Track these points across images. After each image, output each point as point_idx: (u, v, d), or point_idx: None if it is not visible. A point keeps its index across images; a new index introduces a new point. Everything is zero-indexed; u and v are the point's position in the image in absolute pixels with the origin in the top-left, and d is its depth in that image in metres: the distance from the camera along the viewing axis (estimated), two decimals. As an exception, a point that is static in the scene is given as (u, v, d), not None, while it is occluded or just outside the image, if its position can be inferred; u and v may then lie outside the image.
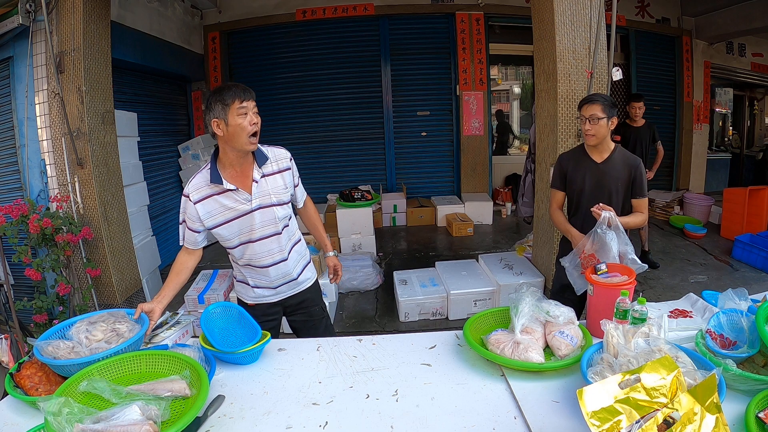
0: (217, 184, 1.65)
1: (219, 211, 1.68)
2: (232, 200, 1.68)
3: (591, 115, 2.12)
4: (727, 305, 1.60)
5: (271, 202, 1.72)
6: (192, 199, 1.67)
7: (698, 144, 6.79)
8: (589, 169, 2.23)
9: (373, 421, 1.22)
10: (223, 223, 1.69)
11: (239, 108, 1.57)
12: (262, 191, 1.70)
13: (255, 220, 1.71)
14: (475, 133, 6.24)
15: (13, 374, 1.35)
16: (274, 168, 1.74)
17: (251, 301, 1.89)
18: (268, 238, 1.75)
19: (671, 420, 0.93)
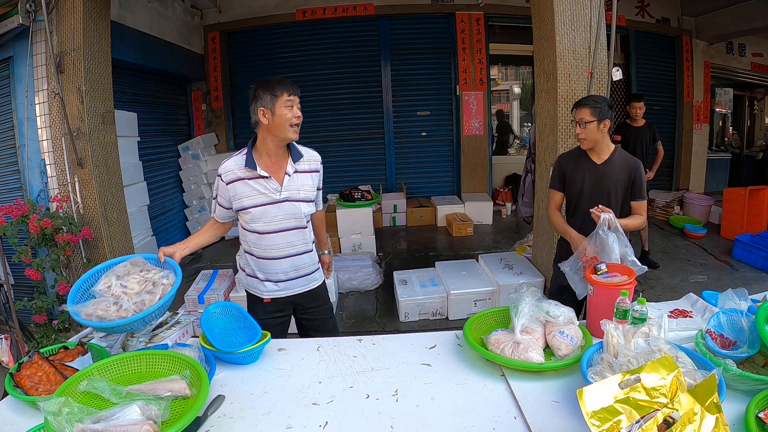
0: (250, 169, 1.75)
1: (248, 195, 1.77)
2: (262, 187, 1.77)
3: (580, 119, 2.12)
4: (727, 305, 1.60)
5: (299, 197, 1.81)
6: (224, 180, 1.78)
7: (698, 144, 6.80)
8: (588, 171, 2.22)
9: (373, 421, 1.22)
10: (250, 207, 1.78)
11: (287, 100, 1.69)
12: (292, 185, 1.80)
13: (281, 211, 1.79)
14: (475, 133, 6.24)
15: (13, 374, 1.35)
16: (306, 167, 1.84)
17: (266, 296, 1.92)
18: (290, 231, 1.83)
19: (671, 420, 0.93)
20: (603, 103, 2.13)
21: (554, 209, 2.36)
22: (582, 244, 2.03)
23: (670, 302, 1.88)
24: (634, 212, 2.20)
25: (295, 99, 1.72)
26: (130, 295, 1.43)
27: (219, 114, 6.33)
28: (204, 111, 6.25)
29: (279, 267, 1.86)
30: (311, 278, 1.96)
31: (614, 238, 1.93)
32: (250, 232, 1.85)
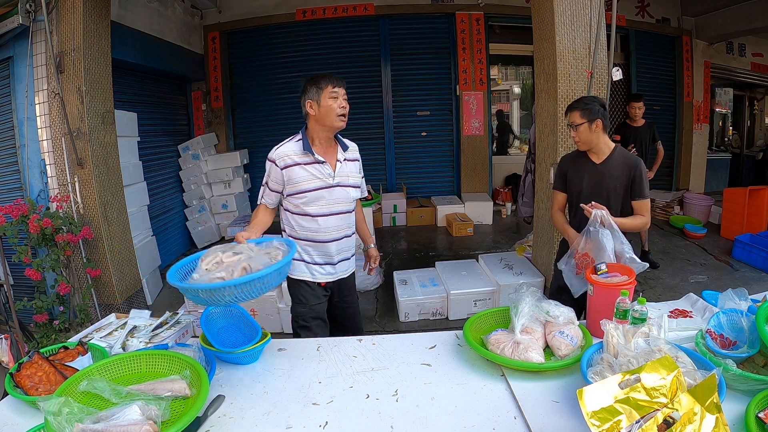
0: (307, 154, 1.87)
1: (304, 179, 1.88)
2: (317, 171, 1.89)
3: (571, 122, 2.18)
4: (727, 305, 1.60)
5: (348, 183, 1.96)
6: (278, 165, 1.88)
7: (698, 144, 6.80)
8: (587, 170, 2.22)
9: (373, 421, 1.22)
10: (306, 191, 1.88)
11: (332, 92, 1.84)
12: (343, 172, 1.95)
13: (333, 195, 1.91)
14: (475, 133, 6.24)
15: (13, 374, 1.35)
16: (351, 156, 2.02)
17: (310, 278, 2.00)
18: (340, 215, 1.95)
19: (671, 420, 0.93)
20: (593, 104, 2.12)
21: (557, 210, 2.37)
22: (575, 241, 2.04)
23: (670, 302, 1.87)
24: (636, 212, 2.17)
25: (340, 91, 1.85)
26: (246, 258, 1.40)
27: (219, 114, 6.33)
28: (204, 111, 6.25)
29: (327, 250, 1.97)
30: (350, 263, 2.09)
31: (606, 235, 1.92)
32: (300, 215, 1.93)
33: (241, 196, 6.05)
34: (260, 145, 6.43)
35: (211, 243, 5.73)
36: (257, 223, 1.94)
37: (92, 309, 3.49)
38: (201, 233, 5.70)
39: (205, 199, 5.76)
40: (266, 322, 3.55)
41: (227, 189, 5.86)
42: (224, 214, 5.83)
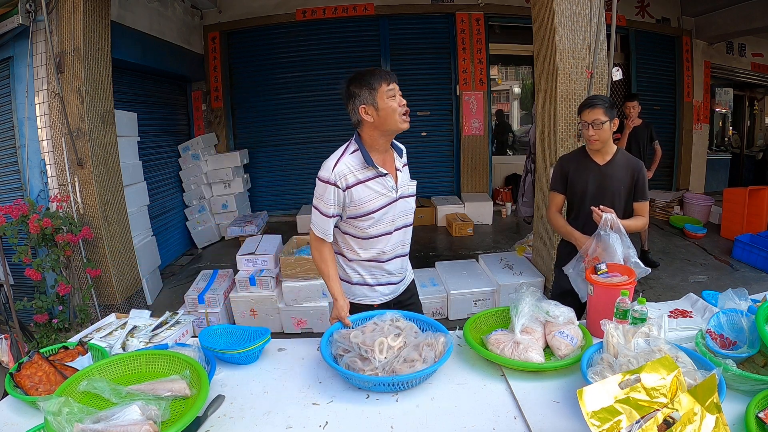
0: (370, 168, 1.61)
1: (370, 198, 1.62)
2: (381, 186, 1.63)
3: (594, 120, 2.07)
4: (727, 305, 1.60)
5: (408, 193, 1.73)
6: (341, 186, 1.58)
7: (698, 144, 6.80)
8: (591, 172, 2.18)
9: (373, 421, 1.22)
10: (373, 210, 1.62)
11: (388, 90, 1.56)
12: (403, 181, 1.71)
13: (398, 210, 1.69)
14: (475, 133, 6.25)
15: (13, 374, 1.35)
16: (404, 161, 1.77)
17: (376, 301, 1.80)
18: (402, 229, 1.74)
19: (671, 420, 0.93)
20: (609, 102, 2.12)
21: (555, 211, 2.32)
22: (585, 244, 2.03)
23: (670, 302, 1.87)
24: (637, 213, 2.18)
25: (395, 86, 1.58)
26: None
27: (219, 114, 6.33)
28: (204, 111, 6.25)
29: (390, 268, 1.76)
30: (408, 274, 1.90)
31: (617, 239, 1.93)
32: (365, 239, 1.68)
33: (241, 196, 6.05)
34: (260, 145, 6.44)
35: (211, 243, 5.73)
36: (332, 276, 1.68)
37: (92, 309, 3.50)
38: (201, 233, 5.70)
39: (205, 199, 5.76)
40: (266, 322, 3.55)
41: (227, 189, 5.86)
42: (224, 214, 5.84)
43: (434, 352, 1.40)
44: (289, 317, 3.55)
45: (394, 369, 1.35)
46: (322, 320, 3.52)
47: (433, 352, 1.40)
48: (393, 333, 1.45)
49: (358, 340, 1.42)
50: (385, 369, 1.36)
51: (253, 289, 3.54)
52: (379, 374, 1.34)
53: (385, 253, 1.72)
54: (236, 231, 5.28)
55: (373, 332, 1.46)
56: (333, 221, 1.66)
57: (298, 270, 3.44)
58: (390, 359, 1.38)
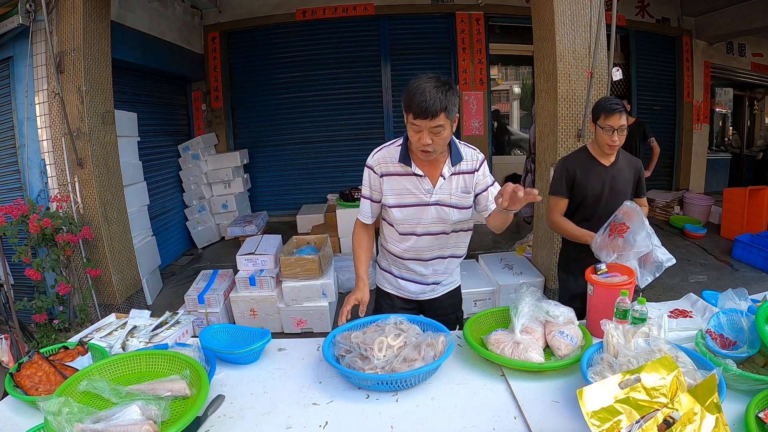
0: (404, 165, 1.61)
1: (400, 192, 1.64)
2: (414, 186, 1.63)
3: (620, 126, 2.03)
4: (727, 305, 1.60)
5: (449, 202, 1.65)
6: (377, 171, 1.66)
7: (698, 144, 6.80)
8: (600, 174, 2.15)
9: (373, 421, 1.22)
10: (400, 205, 1.65)
11: (412, 123, 1.51)
12: (445, 189, 1.64)
13: (429, 214, 1.65)
14: (475, 133, 6.25)
15: (13, 374, 1.35)
16: (464, 167, 1.66)
17: (394, 291, 1.83)
18: (434, 236, 1.69)
19: (671, 420, 0.93)
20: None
21: (559, 216, 2.22)
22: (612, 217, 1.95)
23: (670, 302, 1.87)
24: None
25: (423, 123, 1.47)
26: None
27: (219, 114, 6.33)
28: (204, 111, 6.25)
29: (417, 268, 1.75)
30: (446, 286, 1.85)
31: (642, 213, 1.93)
32: (391, 226, 1.73)
33: (241, 196, 6.05)
34: (260, 145, 6.44)
35: (211, 243, 5.73)
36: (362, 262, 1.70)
37: (92, 309, 3.50)
38: (201, 233, 5.70)
39: (205, 199, 5.76)
40: (266, 322, 3.55)
41: (227, 189, 5.86)
42: (224, 214, 5.84)
43: (434, 351, 1.40)
44: (289, 317, 3.55)
45: (393, 368, 1.36)
46: (322, 320, 3.52)
47: (433, 351, 1.40)
48: (393, 333, 1.45)
49: (359, 340, 1.43)
50: (385, 368, 1.36)
51: (253, 289, 3.53)
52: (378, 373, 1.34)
53: (410, 252, 1.73)
54: (236, 231, 5.28)
55: (374, 333, 1.47)
56: (370, 204, 1.72)
57: (298, 270, 3.44)
58: (390, 358, 1.38)
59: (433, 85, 1.46)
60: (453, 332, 1.59)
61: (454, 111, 1.53)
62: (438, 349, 1.41)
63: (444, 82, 1.50)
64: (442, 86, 1.48)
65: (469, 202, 1.68)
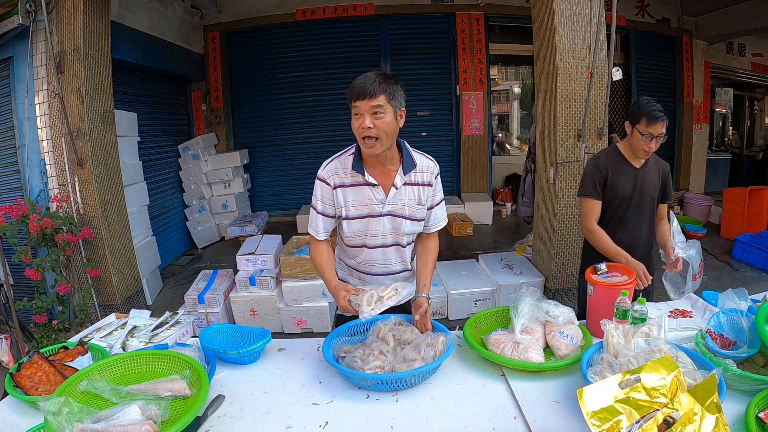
0: (357, 174, 1.54)
1: (353, 204, 1.57)
2: (367, 196, 1.56)
3: (660, 134, 1.94)
4: (727, 305, 1.60)
5: (402, 213, 1.59)
6: (330, 184, 1.57)
7: (698, 144, 6.80)
8: (631, 177, 2.08)
9: (373, 421, 1.22)
10: (350, 217, 1.59)
11: (353, 107, 1.46)
12: (398, 199, 1.57)
13: (381, 226, 1.59)
14: (475, 133, 6.25)
15: (13, 374, 1.35)
16: (416, 179, 1.59)
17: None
18: (388, 247, 1.64)
19: (671, 420, 0.93)
20: None
21: (595, 224, 2.09)
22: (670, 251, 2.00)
23: (670, 302, 1.87)
24: (660, 215, 2.17)
25: (362, 105, 1.43)
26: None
27: (219, 114, 6.33)
28: (204, 111, 6.25)
29: (369, 281, 1.70)
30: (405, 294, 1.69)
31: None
32: (345, 240, 1.66)
33: (241, 196, 6.05)
34: (260, 145, 6.44)
35: (211, 243, 5.73)
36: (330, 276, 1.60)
37: (92, 309, 3.49)
38: (201, 233, 5.70)
39: (205, 199, 5.76)
40: (266, 322, 3.55)
41: (227, 189, 5.86)
42: (224, 214, 5.84)
43: (434, 351, 1.40)
44: (289, 317, 3.55)
45: (393, 368, 1.36)
46: (322, 320, 3.52)
47: (433, 351, 1.40)
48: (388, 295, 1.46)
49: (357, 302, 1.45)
50: (385, 368, 1.37)
51: (253, 289, 3.53)
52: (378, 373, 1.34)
53: (365, 266, 1.69)
54: (236, 231, 5.28)
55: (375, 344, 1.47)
56: (321, 219, 1.62)
57: (298, 270, 3.44)
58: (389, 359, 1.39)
59: (376, 73, 1.46)
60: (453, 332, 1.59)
61: (398, 102, 1.47)
62: (438, 348, 1.41)
63: (390, 75, 1.48)
64: (384, 76, 1.46)
65: (422, 214, 1.62)
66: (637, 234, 2.13)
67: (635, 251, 2.07)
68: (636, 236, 2.12)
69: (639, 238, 2.13)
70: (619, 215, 2.11)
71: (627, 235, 2.09)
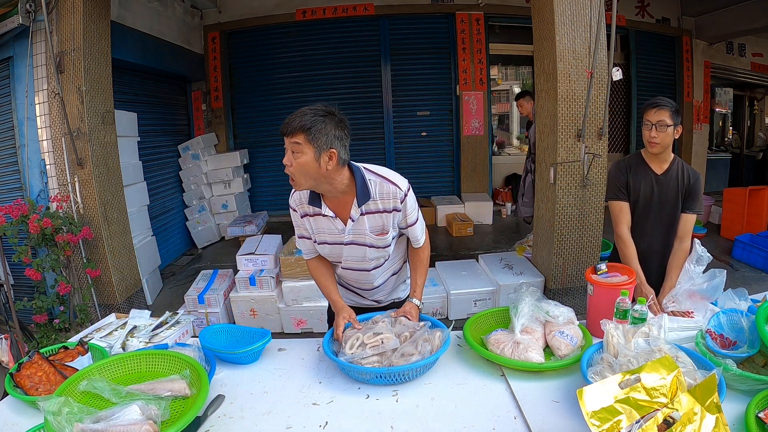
0: (315, 207, 1.54)
1: (320, 232, 1.60)
2: (329, 225, 1.56)
3: (659, 121, 1.92)
4: (727, 305, 1.60)
5: (363, 242, 1.56)
6: (299, 212, 1.59)
7: (698, 144, 6.79)
8: (649, 182, 2.04)
9: (373, 421, 1.22)
10: (322, 242, 1.61)
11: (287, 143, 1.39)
12: (358, 229, 1.54)
13: (350, 252, 1.60)
14: (475, 133, 6.25)
15: (13, 374, 1.35)
16: (377, 207, 1.52)
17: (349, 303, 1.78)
18: (355, 271, 1.67)
19: (671, 420, 0.93)
20: (677, 108, 1.98)
21: (625, 228, 2.05)
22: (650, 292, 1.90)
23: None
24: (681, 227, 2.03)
25: (287, 141, 1.37)
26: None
27: (219, 114, 6.34)
28: (204, 111, 6.25)
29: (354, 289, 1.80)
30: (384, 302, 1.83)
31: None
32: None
33: (241, 196, 6.05)
34: (260, 145, 6.44)
35: (211, 243, 5.73)
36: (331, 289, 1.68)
37: (92, 309, 3.49)
38: (201, 233, 5.70)
39: (205, 199, 5.76)
40: (266, 322, 3.55)
41: (227, 189, 5.86)
42: (224, 214, 5.84)
43: (431, 346, 1.41)
44: (289, 317, 3.55)
45: (391, 363, 1.37)
46: (321, 320, 3.52)
47: (430, 346, 1.41)
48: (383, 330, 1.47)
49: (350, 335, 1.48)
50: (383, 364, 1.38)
51: (253, 289, 3.53)
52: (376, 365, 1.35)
53: (344, 280, 1.77)
54: (236, 231, 5.28)
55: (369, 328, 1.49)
56: (302, 241, 1.68)
57: (298, 270, 3.44)
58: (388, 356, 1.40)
59: (309, 109, 1.37)
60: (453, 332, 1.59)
61: (322, 143, 1.35)
62: (435, 344, 1.42)
63: (327, 112, 1.38)
64: (319, 113, 1.36)
65: (386, 241, 1.57)
66: (655, 240, 2.08)
67: (650, 258, 2.06)
68: (652, 242, 2.08)
69: (655, 245, 2.08)
70: (642, 221, 2.09)
71: (643, 242, 2.06)
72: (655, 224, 2.08)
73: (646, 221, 2.09)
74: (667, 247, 2.07)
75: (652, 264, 2.06)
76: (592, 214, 3.51)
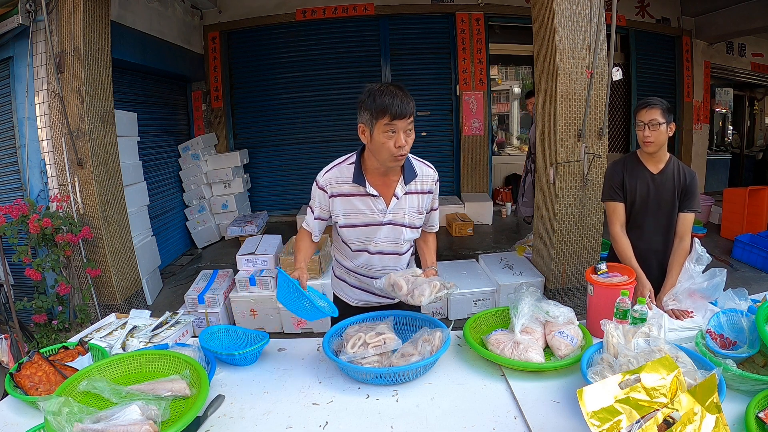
0: (358, 185, 1.55)
1: (351, 212, 1.59)
2: (367, 207, 1.58)
3: (650, 120, 1.95)
4: (727, 305, 1.60)
5: (402, 222, 1.61)
6: (327, 192, 1.59)
7: (698, 144, 6.79)
8: (645, 181, 2.06)
9: (373, 421, 1.22)
10: (352, 225, 1.61)
11: (386, 125, 1.42)
12: (399, 209, 1.60)
13: (381, 234, 1.61)
14: (475, 133, 6.25)
15: (13, 374, 1.35)
16: (417, 187, 1.61)
17: (354, 302, 1.79)
18: (386, 255, 1.66)
19: (671, 420, 0.93)
20: (668, 106, 2.00)
21: (621, 229, 2.08)
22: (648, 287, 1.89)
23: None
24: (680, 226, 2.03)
25: (400, 124, 1.41)
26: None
27: (219, 114, 6.33)
28: (204, 111, 6.25)
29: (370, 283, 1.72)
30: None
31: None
32: (344, 243, 1.68)
33: (241, 196, 6.05)
34: (260, 145, 6.44)
35: (211, 243, 5.73)
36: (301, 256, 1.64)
37: (92, 309, 3.49)
38: (201, 233, 5.70)
39: (205, 199, 5.76)
40: (266, 322, 3.55)
41: (227, 189, 5.86)
42: (224, 214, 5.84)
43: (431, 346, 1.41)
44: (289, 317, 3.55)
45: (391, 364, 1.37)
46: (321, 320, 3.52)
47: (430, 346, 1.41)
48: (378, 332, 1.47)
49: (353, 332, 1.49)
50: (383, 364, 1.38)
51: (253, 289, 3.54)
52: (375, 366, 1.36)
53: (362, 269, 1.72)
54: (236, 231, 5.28)
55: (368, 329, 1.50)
56: (317, 223, 1.67)
57: (298, 270, 3.43)
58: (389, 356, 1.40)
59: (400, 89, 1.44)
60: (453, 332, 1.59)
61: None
62: (435, 344, 1.42)
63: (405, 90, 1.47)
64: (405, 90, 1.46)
65: (421, 221, 1.66)
66: (653, 240, 2.08)
67: (650, 258, 2.05)
68: (651, 242, 2.08)
69: (654, 244, 2.08)
70: (640, 221, 2.10)
71: (642, 242, 2.06)
72: (653, 224, 2.08)
73: (643, 221, 2.09)
74: (666, 247, 2.08)
75: (651, 263, 2.06)
76: (592, 214, 3.51)
